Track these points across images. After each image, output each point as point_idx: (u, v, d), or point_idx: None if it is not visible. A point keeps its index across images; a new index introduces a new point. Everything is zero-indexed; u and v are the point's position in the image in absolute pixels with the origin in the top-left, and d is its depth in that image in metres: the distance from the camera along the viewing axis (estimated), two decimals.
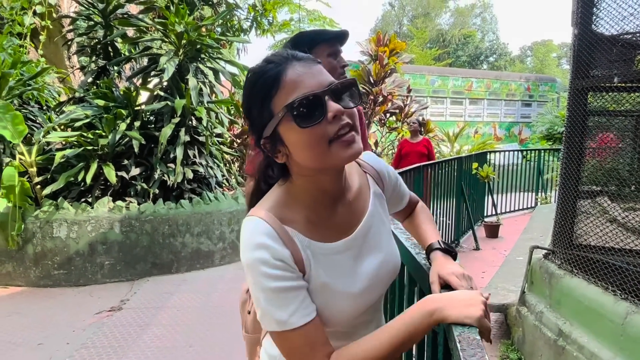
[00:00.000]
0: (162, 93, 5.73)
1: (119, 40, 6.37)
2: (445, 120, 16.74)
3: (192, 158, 5.69)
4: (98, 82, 6.07)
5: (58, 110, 5.99)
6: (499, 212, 7.84)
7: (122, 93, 5.66)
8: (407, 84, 10.32)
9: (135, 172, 5.35)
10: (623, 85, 2.60)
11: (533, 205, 8.63)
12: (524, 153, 10.28)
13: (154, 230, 5.06)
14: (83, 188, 5.18)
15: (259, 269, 0.86)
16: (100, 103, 5.39)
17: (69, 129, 5.44)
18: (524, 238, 5.06)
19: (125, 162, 5.38)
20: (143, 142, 5.27)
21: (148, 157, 5.52)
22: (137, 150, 5.22)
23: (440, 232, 4.58)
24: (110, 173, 4.99)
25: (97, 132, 5.18)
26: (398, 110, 9.63)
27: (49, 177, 5.15)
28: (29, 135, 5.38)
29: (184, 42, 5.56)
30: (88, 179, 4.89)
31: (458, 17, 42.27)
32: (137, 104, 5.71)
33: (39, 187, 5.10)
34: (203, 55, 5.93)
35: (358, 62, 9.87)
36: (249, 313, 1.45)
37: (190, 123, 5.76)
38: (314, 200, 0.97)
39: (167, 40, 5.78)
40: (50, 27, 7.66)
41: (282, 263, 0.87)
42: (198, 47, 5.73)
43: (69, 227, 4.79)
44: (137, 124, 5.44)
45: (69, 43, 7.05)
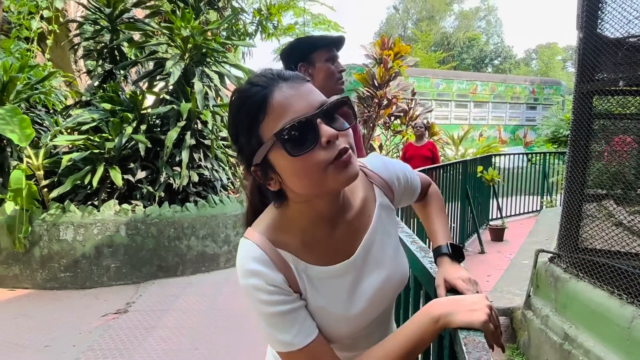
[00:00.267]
0: (168, 97, 5.77)
1: (126, 45, 6.43)
2: (450, 124, 16.71)
3: (197, 161, 5.71)
4: (104, 85, 6.12)
5: (65, 114, 6.04)
6: (504, 215, 7.81)
7: (128, 97, 5.70)
8: (411, 87, 10.32)
9: (141, 175, 5.38)
10: (628, 89, 2.60)
11: (538, 209, 8.60)
12: (529, 156, 10.24)
13: (160, 233, 5.08)
14: (89, 191, 5.21)
15: (255, 296, 0.85)
16: (107, 107, 5.43)
17: (76, 133, 5.49)
18: (529, 241, 5.04)
19: (132, 165, 5.41)
20: (149, 145, 5.31)
21: (154, 160, 5.56)
22: (143, 154, 5.26)
23: None
24: (117, 176, 5.03)
25: (103, 135, 5.22)
26: (402, 114, 9.64)
27: (56, 180, 5.19)
28: (36, 139, 5.43)
29: (190, 46, 5.60)
30: (94, 182, 4.92)
31: (462, 20, 42.23)
32: (143, 108, 5.75)
33: (46, 190, 5.14)
34: (209, 59, 5.96)
35: (362, 65, 9.89)
36: None
37: (196, 126, 5.79)
38: (311, 223, 0.92)
39: (173, 45, 5.82)
40: (57, 31, 7.74)
41: (276, 288, 0.85)
42: (204, 51, 5.76)
43: (76, 229, 4.82)
44: (143, 128, 5.48)
45: (76, 47, 7.13)
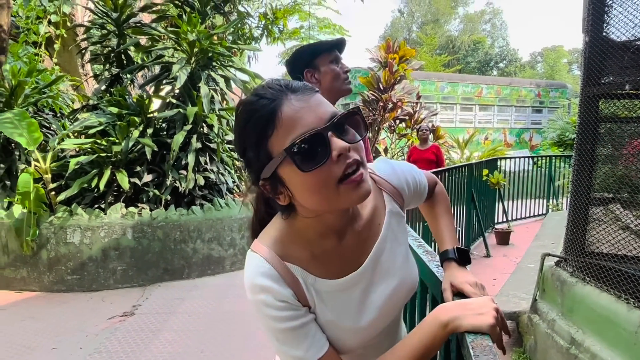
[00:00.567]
0: (174, 100, 5.80)
1: (132, 49, 6.48)
2: (455, 127, 16.69)
3: (203, 165, 5.74)
4: (111, 89, 6.16)
5: (72, 118, 6.09)
6: (510, 219, 7.79)
7: (135, 101, 5.74)
8: (416, 91, 10.32)
9: (148, 178, 5.41)
10: (635, 92, 2.60)
11: (544, 212, 8.56)
12: (535, 159, 10.21)
13: (166, 236, 5.10)
14: (96, 194, 5.25)
15: (264, 312, 0.85)
16: (114, 110, 5.47)
17: (83, 136, 5.53)
18: (535, 245, 5.03)
19: (138, 168, 5.44)
20: (155, 149, 5.34)
21: (160, 163, 5.59)
22: (149, 157, 5.29)
23: None
24: (123, 180, 5.06)
25: (110, 139, 5.25)
26: (408, 117, 9.64)
27: (63, 183, 5.22)
28: (44, 142, 5.47)
29: (196, 50, 5.63)
30: (101, 186, 4.95)
31: (467, 23, 42.23)
32: (149, 112, 5.78)
33: (54, 193, 5.17)
34: (214, 63, 6.00)
35: (367, 69, 9.90)
36: None
37: (202, 130, 5.82)
38: (319, 236, 0.91)
39: (179, 49, 5.86)
40: (65, 35, 7.81)
41: (285, 304, 0.84)
42: (210, 55, 5.80)
43: (83, 232, 4.86)
44: (149, 131, 5.51)
45: (83, 51, 7.18)
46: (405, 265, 1.03)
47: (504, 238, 6.78)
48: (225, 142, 6.32)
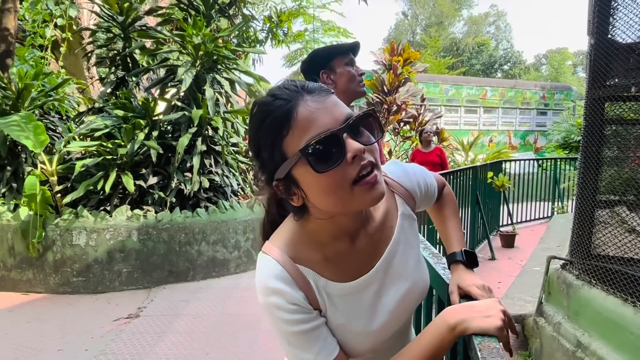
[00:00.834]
0: (179, 103, 5.83)
1: (138, 52, 6.51)
2: (460, 129, 16.67)
3: (208, 167, 5.76)
4: (117, 92, 6.20)
5: (78, 121, 6.13)
6: (515, 221, 7.76)
7: (140, 103, 5.77)
8: (420, 93, 10.32)
9: (153, 181, 5.43)
10: None
11: (549, 215, 8.52)
12: (540, 162, 10.18)
13: (171, 239, 5.12)
14: (102, 197, 5.27)
15: (276, 314, 0.85)
16: (119, 113, 5.50)
17: (89, 139, 5.55)
18: (541, 248, 5.00)
19: (143, 171, 5.47)
20: (161, 151, 5.36)
21: (165, 166, 5.61)
22: (154, 160, 5.31)
23: None
24: (129, 182, 5.08)
25: (116, 141, 5.28)
26: (412, 119, 9.64)
27: (69, 185, 5.25)
28: (50, 145, 5.51)
29: (201, 53, 5.66)
30: (107, 188, 4.98)
31: (472, 25, 42.20)
32: (155, 114, 5.81)
33: (60, 195, 5.20)
34: (219, 66, 6.02)
35: (372, 71, 9.91)
36: None
37: (207, 133, 5.84)
38: (332, 238, 0.90)
39: (184, 52, 5.88)
40: (71, 39, 7.87)
41: (297, 307, 0.84)
42: (215, 58, 5.82)
43: (88, 235, 4.88)
44: (155, 134, 5.54)
45: (89, 55, 7.23)
46: (417, 269, 1.02)
47: (509, 241, 6.76)
48: (230, 144, 6.34)
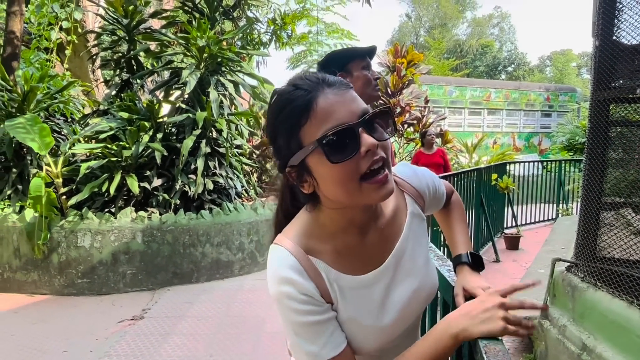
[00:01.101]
0: (183, 105, 5.85)
1: (142, 55, 6.55)
2: (464, 131, 16.65)
3: (212, 169, 5.77)
4: (122, 95, 6.23)
5: (83, 123, 6.15)
6: (520, 223, 7.74)
7: (145, 106, 5.79)
8: (424, 95, 10.30)
9: (157, 183, 5.45)
10: None
11: (554, 217, 8.50)
12: (545, 164, 10.15)
13: (175, 240, 5.13)
14: (107, 198, 5.29)
15: (286, 304, 0.85)
16: (124, 115, 5.52)
17: (94, 141, 5.58)
18: (545, 250, 4.99)
19: (148, 173, 5.48)
20: (165, 153, 5.38)
21: (170, 168, 5.63)
22: (159, 162, 5.33)
23: None
24: (133, 184, 5.10)
25: (120, 143, 5.30)
26: (416, 121, 9.62)
27: (74, 187, 5.28)
28: (56, 147, 5.54)
29: (205, 55, 5.67)
30: (112, 190, 5.00)
31: (475, 27, 42.14)
32: (159, 116, 5.83)
33: (65, 197, 5.22)
34: (224, 69, 6.04)
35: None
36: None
37: (211, 135, 5.86)
38: (343, 231, 0.92)
39: (189, 54, 5.91)
40: (76, 41, 7.91)
41: (308, 297, 0.85)
42: (219, 60, 5.84)
43: (93, 236, 4.90)
44: (159, 136, 5.56)
45: (94, 57, 7.26)
46: (426, 268, 1.03)
47: (514, 243, 6.74)
48: (234, 146, 6.36)
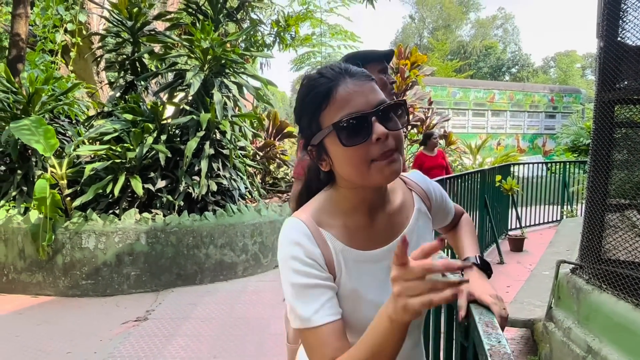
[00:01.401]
0: (187, 107, 5.86)
1: (146, 56, 6.57)
2: (468, 132, 16.61)
3: (216, 171, 5.78)
4: (126, 97, 6.24)
5: (87, 125, 6.18)
6: (524, 225, 7.71)
7: (149, 107, 5.81)
8: (428, 96, 10.31)
9: (161, 184, 5.46)
10: None
11: (558, 219, 8.46)
12: (549, 165, 10.11)
13: (179, 242, 5.14)
14: (111, 200, 5.31)
15: (290, 264, 0.91)
16: (128, 117, 5.53)
17: (98, 143, 5.60)
18: (550, 252, 4.97)
19: (152, 174, 5.50)
20: (169, 155, 5.39)
21: (174, 169, 5.64)
22: (163, 163, 5.34)
23: None
24: (137, 185, 5.11)
25: (125, 145, 5.31)
26: (419, 123, 9.62)
27: (79, 189, 5.29)
28: (60, 149, 5.55)
29: (209, 57, 5.69)
30: (116, 191, 5.01)
31: (479, 28, 42.10)
32: (163, 118, 5.84)
33: (69, 199, 5.24)
34: (227, 70, 6.05)
35: None
36: None
37: (215, 136, 5.87)
38: (354, 209, 0.99)
39: (192, 56, 5.92)
40: (81, 44, 7.93)
41: (312, 261, 0.91)
42: (223, 62, 5.85)
43: (97, 238, 4.91)
44: (163, 138, 5.57)
45: (98, 59, 7.31)
46: None
47: (518, 245, 6.72)
48: (238, 148, 6.36)
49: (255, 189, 7.04)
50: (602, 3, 2.70)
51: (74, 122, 6.52)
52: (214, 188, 5.60)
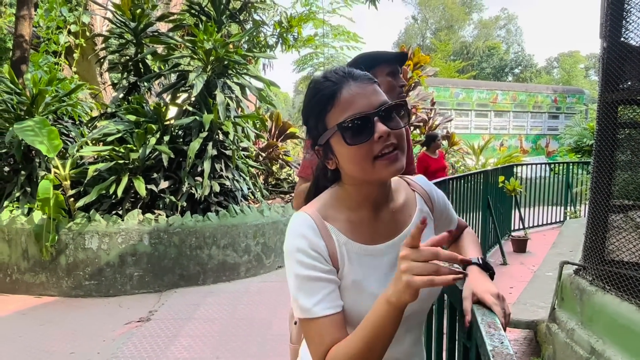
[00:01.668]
0: (190, 108, 5.87)
1: (150, 58, 6.58)
2: (470, 133, 16.59)
3: (219, 171, 5.79)
4: (129, 98, 6.26)
5: (91, 125, 6.20)
6: (527, 226, 7.69)
7: (152, 108, 5.82)
8: (431, 97, 10.30)
9: (164, 185, 5.47)
10: None
11: (562, 220, 8.43)
12: (552, 166, 10.09)
13: (182, 242, 5.15)
14: (114, 201, 5.32)
15: (295, 256, 0.95)
16: (131, 118, 5.55)
17: (101, 144, 5.62)
18: (553, 253, 4.95)
19: (155, 175, 5.51)
20: (172, 156, 5.40)
21: (177, 170, 5.65)
22: (166, 164, 5.35)
23: None
24: (140, 186, 5.12)
25: (128, 146, 5.33)
26: (422, 124, 9.62)
27: (82, 190, 5.31)
28: (64, 150, 5.58)
29: (212, 58, 5.70)
30: (119, 192, 5.02)
31: (482, 29, 42.03)
32: (166, 119, 5.86)
33: (72, 199, 5.26)
34: (230, 71, 6.06)
35: None
36: (295, 324, 1.48)
37: (218, 137, 5.87)
38: (358, 205, 1.03)
39: (195, 57, 5.93)
40: (84, 45, 7.96)
41: (317, 254, 0.94)
42: (225, 63, 5.86)
43: (100, 238, 4.92)
44: (166, 139, 5.58)
45: (102, 60, 7.32)
46: None
47: (521, 245, 6.70)
48: (241, 149, 6.37)
49: (258, 190, 7.04)
50: (605, 3, 2.70)
51: (78, 123, 6.54)
52: (217, 189, 5.61)
